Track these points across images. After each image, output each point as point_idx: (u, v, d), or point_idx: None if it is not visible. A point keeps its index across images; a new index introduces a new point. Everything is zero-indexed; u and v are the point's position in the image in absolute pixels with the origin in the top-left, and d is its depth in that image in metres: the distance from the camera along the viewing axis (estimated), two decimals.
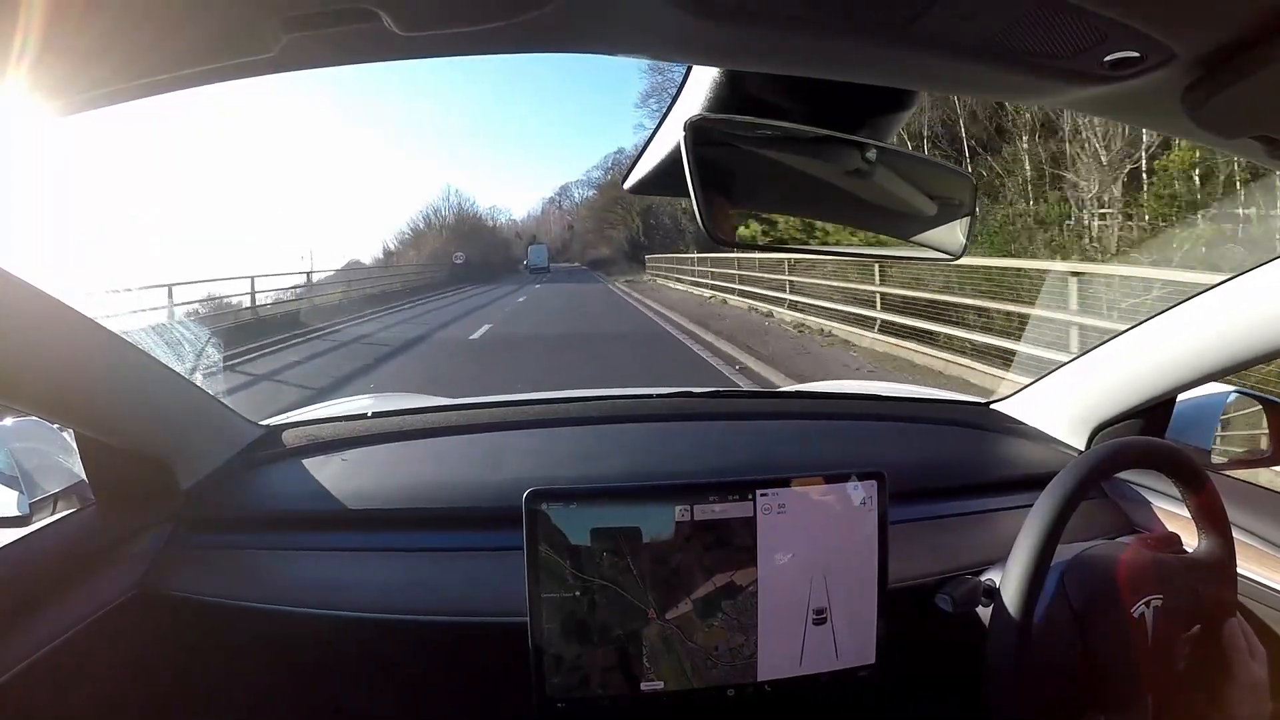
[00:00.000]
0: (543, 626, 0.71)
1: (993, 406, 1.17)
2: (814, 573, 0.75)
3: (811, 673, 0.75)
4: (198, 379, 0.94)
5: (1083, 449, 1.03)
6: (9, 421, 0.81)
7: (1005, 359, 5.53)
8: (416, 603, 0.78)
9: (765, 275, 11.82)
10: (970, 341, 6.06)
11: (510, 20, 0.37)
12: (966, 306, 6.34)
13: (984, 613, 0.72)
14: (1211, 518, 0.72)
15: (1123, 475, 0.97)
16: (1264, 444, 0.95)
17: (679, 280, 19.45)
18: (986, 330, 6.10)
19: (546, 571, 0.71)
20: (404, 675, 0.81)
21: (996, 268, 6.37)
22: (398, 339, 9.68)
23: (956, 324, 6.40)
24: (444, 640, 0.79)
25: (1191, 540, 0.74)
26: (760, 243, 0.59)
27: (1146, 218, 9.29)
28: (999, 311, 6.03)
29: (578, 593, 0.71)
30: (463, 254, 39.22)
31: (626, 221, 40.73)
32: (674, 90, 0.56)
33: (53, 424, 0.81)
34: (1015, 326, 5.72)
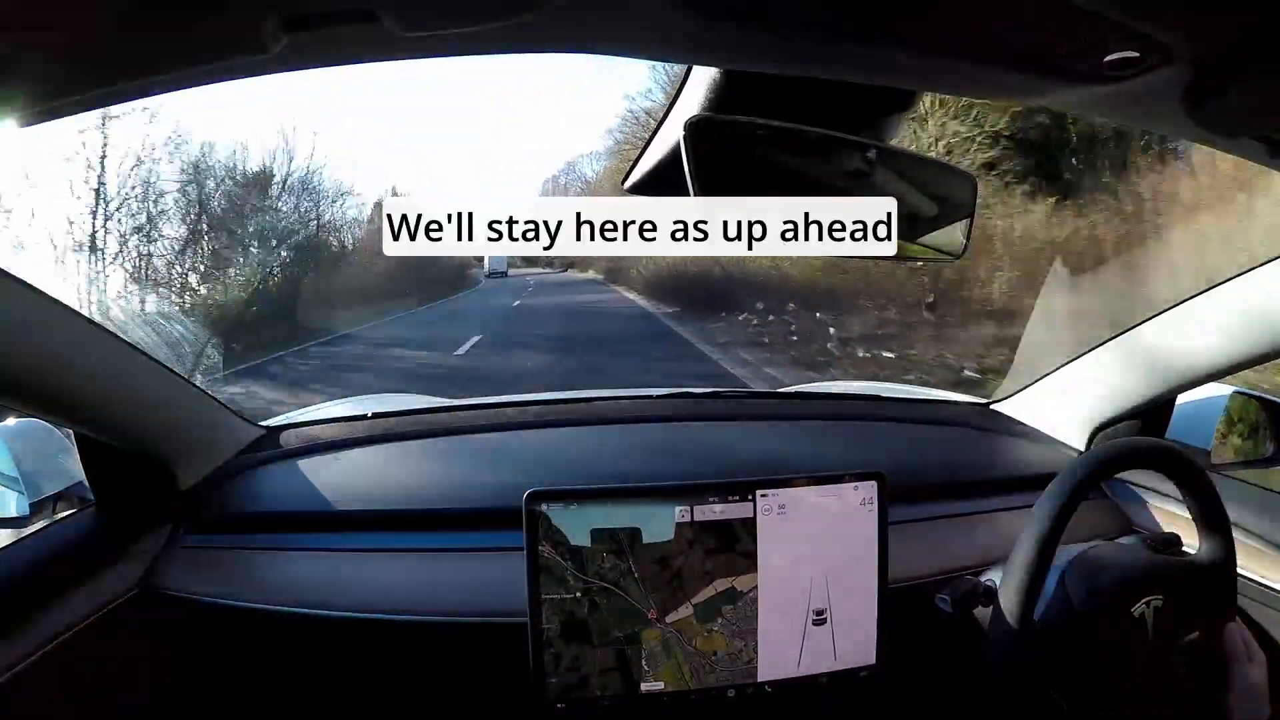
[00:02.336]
0: (543, 627, 0.71)
1: (993, 406, 1.16)
2: (814, 573, 0.74)
3: (811, 673, 0.75)
4: (198, 379, 0.94)
5: (1083, 449, 1.03)
6: (9, 421, 0.81)
7: None
8: (416, 603, 0.78)
9: None
10: None
11: (511, 20, 0.37)
12: None
13: (983, 613, 0.72)
14: (1212, 519, 0.72)
15: (1123, 475, 0.97)
16: (1264, 444, 0.95)
17: None
18: None
19: (547, 572, 0.71)
20: (404, 675, 0.81)
21: None
22: None
23: None
24: (444, 640, 0.79)
25: (1191, 540, 0.74)
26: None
27: None
28: None
29: (578, 594, 0.71)
30: None
31: None
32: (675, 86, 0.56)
33: (53, 424, 0.81)
34: None
